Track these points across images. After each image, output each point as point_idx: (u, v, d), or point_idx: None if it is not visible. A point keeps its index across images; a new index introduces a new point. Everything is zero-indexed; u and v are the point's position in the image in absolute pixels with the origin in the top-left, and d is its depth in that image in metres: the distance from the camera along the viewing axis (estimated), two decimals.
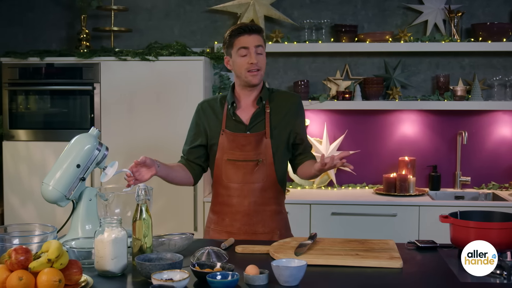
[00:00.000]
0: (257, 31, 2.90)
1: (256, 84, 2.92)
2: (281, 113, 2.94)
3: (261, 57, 2.89)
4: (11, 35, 5.11)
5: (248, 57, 2.87)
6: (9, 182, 4.55)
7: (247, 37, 2.87)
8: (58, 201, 2.61)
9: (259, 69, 2.89)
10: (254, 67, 2.87)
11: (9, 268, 1.95)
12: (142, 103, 4.46)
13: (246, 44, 2.87)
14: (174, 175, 2.95)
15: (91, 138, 2.68)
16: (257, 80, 2.90)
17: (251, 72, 2.88)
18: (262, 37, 2.92)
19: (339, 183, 4.88)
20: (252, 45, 2.87)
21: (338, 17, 4.89)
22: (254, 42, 2.87)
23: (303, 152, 3.02)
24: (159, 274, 2.06)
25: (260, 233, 2.91)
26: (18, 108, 4.58)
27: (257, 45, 2.87)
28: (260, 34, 2.91)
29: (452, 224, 2.48)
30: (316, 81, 4.91)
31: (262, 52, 2.90)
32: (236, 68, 2.91)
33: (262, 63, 2.90)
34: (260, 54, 2.89)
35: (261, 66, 2.89)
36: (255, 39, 2.88)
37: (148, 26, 5.02)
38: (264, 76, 4.78)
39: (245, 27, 2.89)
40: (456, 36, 4.66)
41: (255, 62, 2.86)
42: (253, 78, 2.89)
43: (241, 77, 2.92)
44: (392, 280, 2.20)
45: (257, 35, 2.89)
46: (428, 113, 4.84)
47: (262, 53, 2.90)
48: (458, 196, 4.69)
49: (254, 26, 2.92)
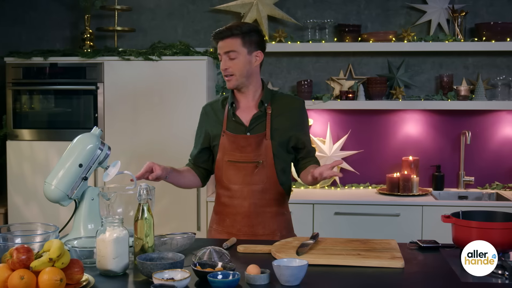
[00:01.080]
0: (228, 35, 2.84)
1: (232, 88, 2.92)
2: (283, 116, 2.92)
3: (233, 62, 2.85)
4: (14, 35, 5.13)
5: (222, 62, 2.89)
6: (13, 182, 4.57)
7: (220, 43, 2.87)
8: (60, 201, 2.62)
9: (232, 74, 2.86)
10: (225, 72, 2.87)
11: (10, 267, 1.95)
12: (146, 103, 4.47)
13: (219, 50, 2.88)
14: (183, 181, 3.00)
15: (94, 138, 2.69)
16: (231, 84, 2.89)
17: (226, 77, 2.89)
18: (239, 38, 2.84)
19: (343, 183, 4.88)
20: (222, 51, 2.86)
21: (342, 17, 4.89)
22: (224, 48, 2.85)
23: (306, 157, 2.99)
24: (160, 274, 2.06)
25: (260, 234, 2.90)
26: (22, 107, 4.59)
27: (227, 51, 2.84)
28: (233, 36, 2.84)
29: (454, 224, 2.47)
30: (319, 80, 4.90)
31: (235, 56, 2.84)
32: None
33: (235, 68, 2.85)
34: (232, 60, 2.85)
35: (233, 71, 2.86)
36: (226, 44, 2.84)
37: (151, 26, 5.03)
38: (267, 76, 4.84)
39: (217, 33, 2.88)
40: (460, 36, 4.65)
41: (223, 68, 2.87)
42: (228, 83, 2.90)
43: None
44: (394, 280, 2.20)
45: (228, 39, 2.84)
46: (431, 113, 4.83)
47: (235, 58, 2.84)
48: (461, 196, 4.68)
49: (224, 31, 2.86)
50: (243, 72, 2.87)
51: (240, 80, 2.88)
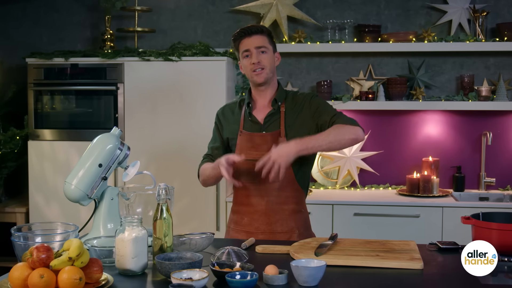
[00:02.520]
0: (257, 32, 2.91)
1: (261, 82, 2.92)
2: (296, 112, 2.93)
3: (264, 56, 2.90)
4: (36, 36, 5.18)
5: (250, 58, 2.90)
6: (34, 181, 4.61)
7: (248, 40, 2.90)
8: (80, 200, 2.64)
9: (263, 68, 2.90)
10: (256, 66, 2.89)
11: (30, 266, 1.97)
12: (165, 103, 4.49)
13: (247, 46, 2.90)
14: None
15: (113, 138, 2.70)
16: (261, 78, 2.91)
17: (255, 72, 2.90)
18: (266, 36, 2.93)
19: (362, 184, 4.86)
20: (252, 46, 2.89)
21: (362, 17, 4.87)
22: (254, 43, 2.89)
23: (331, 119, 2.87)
24: (178, 273, 2.07)
25: (278, 232, 2.90)
26: (43, 108, 4.63)
27: (258, 46, 2.89)
28: (262, 34, 2.92)
29: (474, 225, 2.46)
30: (339, 81, 4.89)
31: (266, 51, 2.90)
32: (244, 70, 2.97)
33: (266, 62, 2.90)
34: (263, 53, 2.90)
35: (265, 65, 2.90)
36: (256, 40, 2.90)
37: (171, 27, 5.05)
38: (286, 77, 4.84)
39: (244, 30, 2.93)
40: (481, 36, 4.62)
41: (255, 61, 2.88)
42: (258, 77, 2.90)
43: (249, 78, 2.97)
44: (412, 281, 2.19)
45: (257, 35, 2.91)
46: (452, 114, 4.80)
47: (266, 52, 2.90)
48: (482, 197, 4.64)
49: (254, 27, 2.94)
50: (271, 68, 2.94)
51: (269, 74, 2.92)
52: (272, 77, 2.96)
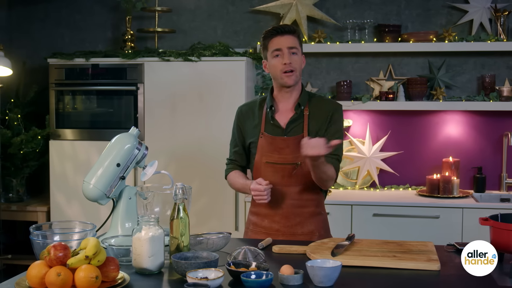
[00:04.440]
0: (290, 32, 2.88)
1: (291, 85, 2.89)
2: (320, 118, 2.91)
3: (295, 57, 2.86)
4: (58, 36, 5.23)
5: (281, 58, 2.86)
6: (55, 180, 4.66)
7: (280, 38, 2.86)
8: (98, 199, 2.66)
9: (293, 70, 2.86)
10: (287, 67, 2.85)
11: (48, 264, 1.99)
12: (185, 103, 4.51)
13: (278, 45, 2.86)
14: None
15: (131, 138, 2.73)
16: (292, 81, 2.87)
17: (286, 74, 2.86)
18: (297, 37, 2.89)
19: (382, 184, 4.84)
20: (285, 46, 2.85)
21: (382, 17, 4.85)
22: (287, 43, 2.85)
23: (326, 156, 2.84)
24: (194, 273, 2.08)
25: (298, 234, 2.90)
26: (64, 108, 4.67)
27: (290, 47, 2.85)
28: (294, 34, 2.89)
29: (492, 226, 2.43)
30: (359, 81, 4.88)
31: (296, 52, 2.87)
32: (272, 70, 2.91)
33: (297, 64, 2.87)
34: (294, 54, 2.86)
35: (295, 67, 2.86)
36: (288, 40, 2.86)
37: (191, 27, 5.06)
38: (306, 77, 4.83)
39: (277, 28, 2.89)
40: (503, 36, 4.58)
41: (288, 62, 2.84)
42: (288, 79, 2.87)
43: (277, 79, 2.91)
44: (429, 282, 2.18)
45: (290, 35, 2.87)
46: (473, 114, 4.76)
47: (296, 53, 2.87)
48: (503, 198, 4.60)
49: (287, 27, 2.91)
50: (300, 70, 2.92)
51: (298, 77, 2.91)
52: (299, 79, 2.94)
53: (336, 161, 2.90)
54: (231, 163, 3.11)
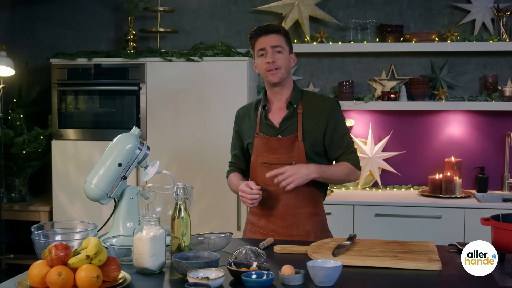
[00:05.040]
0: (274, 31, 2.88)
1: (276, 82, 2.90)
2: (314, 117, 2.90)
3: (279, 55, 2.87)
4: (61, 36, 5.24)
5: (265, 57, 2.87)
6: (58, 180, 4.66)
7: (264, 38, 2.88)
8: (100, 199, 2.67)
9: (277, 68, 2.87)
10: (271, 66, 2.86)
11: (49, 264, 2.00)
12: (187, 103, 4.51)
13: (262, 45, 2.88)
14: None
15: (133, 138, 2.73)
16: (276, 78, 2.88)
17: (270, 72, 2.87)
18: (282, 36, 2.90)
19: (384, 184, 4.84)
20: (268, 45, 2.86)
21: (384, 17, 4.85)
22: (271, 43, 2.86)
23: (341, 155, 2.94)
24: (195, 272, 2.08)
25: (294, 235, 2.89)
26: (66, 107, 4.68)
27: (274, 46, 2.86)
28: (279, 33, 2.89)
29: (493, 227, 2.43)
30: (361, 81, 4.88)
31: (281, 51, 2.87)
32: (258, 69, 2.95)
33: (281, 62, 2.87)
34: (279, 53, 2.87)
35: (280, 65, 2.87)
36: (272, 39, 2.87)
37: (193, 27, 5.07)
38: (308, 77, 4.83)
39: (262, 28, 2.90)
40: (505, 36, 4.57)
41: (270, 61, 2.85)
42: (272, 76, 2.88)
43: (263, 77, 2.95)
44: (430, 282, 2.18)
45: (274, 35, 2.88)
46: (475, 114, 4.75)
47: (281, 52, 2.88)
48: (506, 198, 4.60)
49: (271, 26, 2.91)
50: (286, 68, 2.91)
51: (284, 74, 2.90)
52: (288, 77, 2.94)
53: (349, 154, 2.92)
54: (231, 166, 3.16)
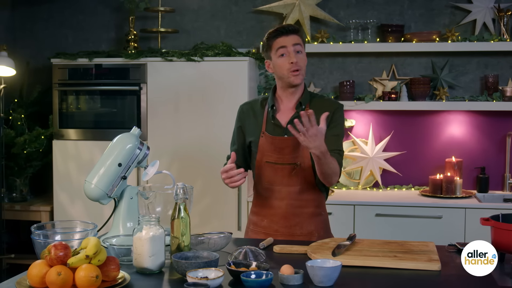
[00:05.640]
0: (294, 31, 2.87)
1: (298, 84, 2.88)
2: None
3: (300, 56, 2.85)
4: (62, 36, 5.25)
5: (287, 56, 2.84)
6: (59, 180, 4.66)
7: (285, 38, 2.85)
8: (100, 199, 2.67)
9: (299, 69, 2.85)
10: (294, 66, 2.83)
11: (48, 264, 2.00)
12: (188, 103, 4.51)
13: (283, 43, 2.84)
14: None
15: (133, 138, 2.73)
16: (299, 80, 2.86)
17: (293, 72, 2.84)
18: (300, 37, 2.88)
19: (385, 184, 4.84)
20: (290, 43, 2.84)
21: (385, 17, 4.85)
22: (292, 41, 2.84)
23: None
24: (194, 272, 2.08)
25: (297, 235, 2.89)
26: (67, 107, 4.68)
27: (295, 43, 2.84)
28: (298, 34, 2.88)
29: (493, 227, 2.43)
30: (362, 81, 4.88)
31: (301, 50, 2.86)
32: (277, 69, 2.89)
33: (302, 63, 2.86)
34: (299, 53, 2.85)
35: (301, 66, 2.85)
36: (293, 39, 2.85)
37: (194, 27, 5.07)
38: (309, 77, 4.83)
39: (282, 28, 2.88)
40: (506, 36, 4.57)
41: (294, 61, 2.82)
42: (295, 78, 2.85)
43: (283, 78, 2.88)
44: (429, 282, 2.18)
45: (295, 35, 2.86)
46: (476, 114, 4.75)
47: (301, 52, 2.86)
48: (507, 198, 4.59)
49: (291, 26, 2.90)
50: (305, 69, 2.91)
51: (304, 75, 2.90)
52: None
53: (338, 155, 2.86)
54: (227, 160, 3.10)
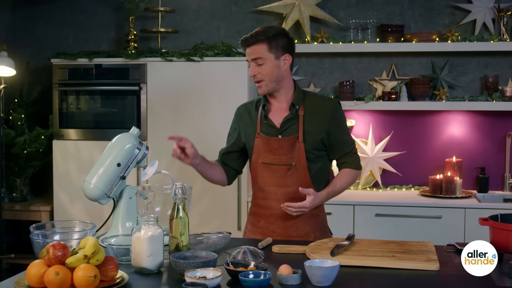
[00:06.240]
0: (253, 42, 2.82)
1: (263, 94, 2.92)
2: (315, 118, 2.88)
3: (260, 68, 2.83)
4: (62, 36, 5.25)
5: (250, 69, 2.89)
6: (59, 180, 4.67)
7: (247, 50, 2.86)
8: (99, 199, 2.68)
9: (260, 80, 2.86)
10: (254, 79, 2.87)
11: (47, 263, 2.00)
12: (187, 103, 4.51)
13: (247, 57, 2.88)
14: (211, 173, 3.04)
15: (132, 138, 2.74)
16: (262, 91, 2.89)
17: (256, 84, 2.89)
18: (265, 43, 2.81)
19: (385, 184, 4.84)
20: (249, 58, 2.86)
21: (385, 17, 4.85)
22: (251, 55, 2.84)
23: (341, 157, 2.97)
24: (192, 272, 2.09)
25: (294, 236, 2.89)
26: (68, 107, 4.68)
27: (254, 58, 2.83)
28: (258, 43, 2.81)
29: (491, 227, 2.42)
30: (362, 81, 4.88)
31: (263, 62, 2.82)
32: None
33: (263, 74, 2.83)
34: (260, 66, 2.83)
35: (261, 78, 2.85)
36: (252, 51, 2.83)
37: (194, 27, 5.07)
38: (309, 77, 4.83)
39: (243, 40, 2.86)
40: (506, 36, 4.57)
41: (251, 74, 2.86)
42: (259, 89, 2.90)
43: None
44: (427, 282, 2.18)
45: (254, 46, 2.82)
46: (476, 114, 4.75)
47: (263, 63, 2.82)
48: (507, 198, 4.59)
49: (251, 37, 2.84)
50: (272, 77, 2.85)
51: (270, 85, 2.87)
52: (278, 84, 2.88)
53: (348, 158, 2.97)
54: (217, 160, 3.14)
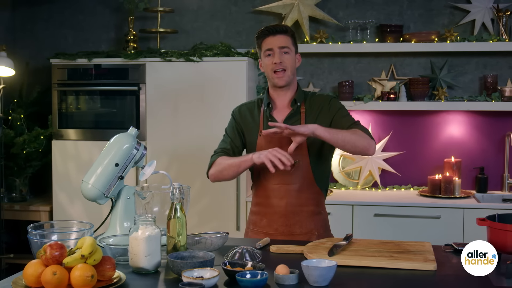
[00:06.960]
0: (282, 32, 2.90)
1: (282, 86, 2.92)
2: (315, 114, 2.92)
3: (286, 56, 2.88)
4: (62, 37, 5.26)
5: (272, 57, 2.88)
6: (58, 180, 4.67)
7: (272, 38, 2.89)
8: (97, 199, 2.68)
9: (284, 69, 2.88)
10: (278, 67, 2.87)
11: (44, 263, 2.00)
12: (187, 103, 4.52)
13: (270, 45, 2.89)
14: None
15: (130, 138, 2.74)
16: (282, 81, 2.90)
17: (276, 74, 2.88)
18: (290, 36, 2.91)
19: (384, 184, 4.84)
20: (276, 45, 2.88)
21: (384, 17, 4.85)
22: (278, 43, 2.88)
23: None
24: (189, 272, 2.09)
25: (297, 234, 2.90)
26: (67, 108, 4.69)
27: (282, 46, 2.88)
28: (286, 34, 2.90)
29: (489, 227, 2.42)
30: (361, 81, 4.88)
31: (288, 51, 2.89)
32: (265, 69, 2.95)
33: (288, 63, 2.89)
34: (286, 54, 2.88)
35: (286, 66, 2.88)
36: (280, 39, 2.88)
37: (194, 27, 5.08)
38: (308, 77, 4.83)
39: (269, 28, 2.92)
40: (505, 36, 4.57)
41: (278, 61, 2.86)
42: (279, 80, 2.90)
43: (269, 78, 2.95)
44: (424, 282, 2.18)
45: (282, 35, 2.89)
46: (475, 114, 4.75)
47: (288, 53, 2.89)
48: (506, 199, 4.59)
49: (279, 27, 2.93)
50: (293, 69, 2.92)
51: (290, 76, 2.91)
52: (293, 79, 2.95)
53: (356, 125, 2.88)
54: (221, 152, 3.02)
